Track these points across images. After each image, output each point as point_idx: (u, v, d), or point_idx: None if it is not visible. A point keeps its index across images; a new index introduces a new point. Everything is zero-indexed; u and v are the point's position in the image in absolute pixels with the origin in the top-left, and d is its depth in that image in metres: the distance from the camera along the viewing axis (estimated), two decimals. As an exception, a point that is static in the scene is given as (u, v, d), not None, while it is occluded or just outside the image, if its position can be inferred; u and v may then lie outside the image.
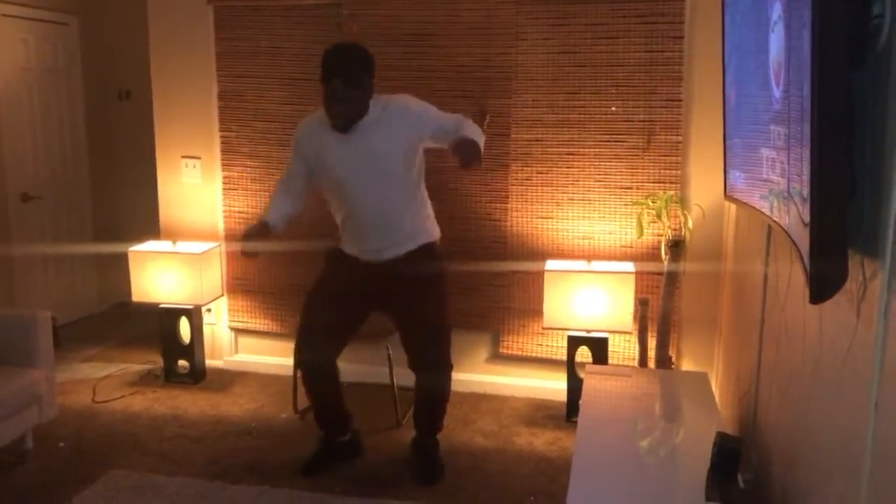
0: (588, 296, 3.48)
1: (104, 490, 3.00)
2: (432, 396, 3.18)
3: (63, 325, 4.69)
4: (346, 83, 2.83)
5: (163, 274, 3.98)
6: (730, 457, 2.02)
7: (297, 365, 3.24)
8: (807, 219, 1.39)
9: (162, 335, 4.12)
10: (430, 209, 3.15)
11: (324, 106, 2.91)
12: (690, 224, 3.44)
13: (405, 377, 3.56)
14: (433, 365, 3.12)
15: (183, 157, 4.22)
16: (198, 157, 4.20)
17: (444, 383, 3.18)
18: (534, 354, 3.89)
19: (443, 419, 3.27)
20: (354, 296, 3.06)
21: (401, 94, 3.04)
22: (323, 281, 3.18)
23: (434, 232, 3.15)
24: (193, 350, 4.08)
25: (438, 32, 3.77)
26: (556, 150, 3.72)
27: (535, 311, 3.73)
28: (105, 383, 4.10)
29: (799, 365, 1.93)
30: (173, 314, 4.06)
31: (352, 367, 4.05)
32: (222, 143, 4.15)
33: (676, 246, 3.44)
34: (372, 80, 2.93)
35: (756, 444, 2.39)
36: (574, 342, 3.60)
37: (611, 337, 3.59)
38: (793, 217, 1.57)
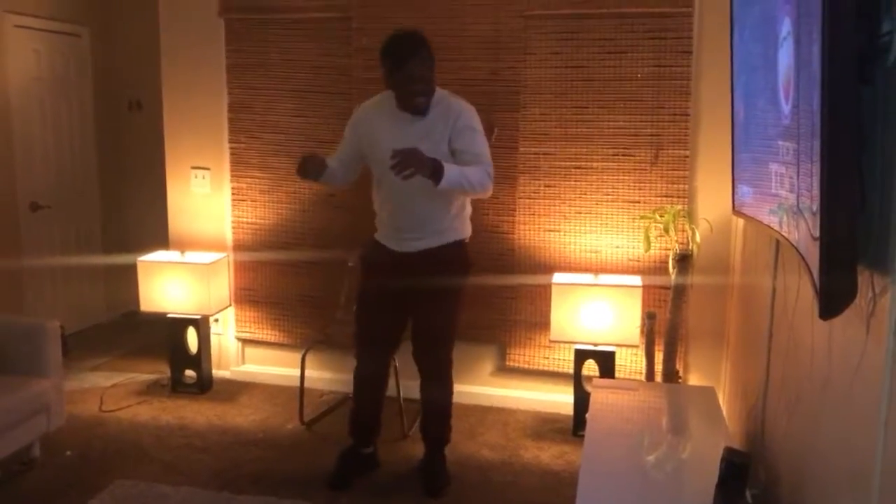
0: (595, 309, 3.48)
1: (110, 499, 3.00)
2: (434, 399, 3.19)
3: (71, 333, 4.70)
4: (422, 63, 2.90)
5: (171, 284, 4.00)
6: (738, 472, 2.01)
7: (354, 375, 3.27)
8: (817, 233, 1.39)
9: (169, 345, 4.12)
10: (469, 208, 3.19)
11: (399, 90, 2.94)
12: (698, 238, 3.43)
13: (411, 390, 3.56)
14: (436, 366, 3.15)
15: (192, 167, 4.24)
16: (207, 168, 4.22)
17: (447, 387, 3.20)
18: (540, 367, 3.89)
19: (449, 429, 3.26)
20: (398, 297, 3.08)
21: (467, 103, 3.08)
22: (367, 286, 3.20)
23: (466, 230, 3.18)
24: (200, 360, 4.09)
25: (447, 46, 3.78)
26: (563, 163, 3.72)
27: (542, 323, 3.73)
28: (112, 392, 4.11)
29: (807, 380, 1.92)
30: (181, 324, 4.07)
31: (358, 378, 4.07)
32: (232, 154, 4.17)
33: (684, 260, 3.43)
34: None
35: (764, 459, 2.38)
36: (581, 355, 3.59)
37: (618, 350, 3.59)
38: (802, 232, 1.57)
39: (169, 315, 4.06)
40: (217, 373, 4.27)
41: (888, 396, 1.32)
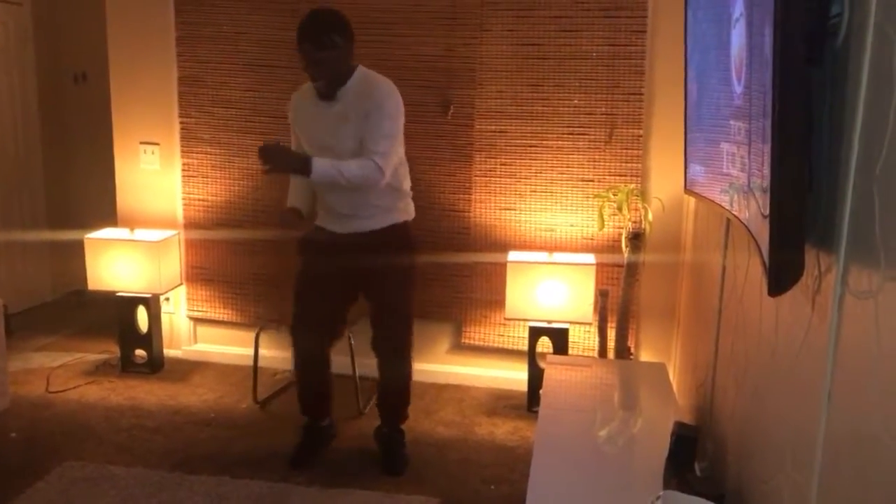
0: (549, 287, 3.51)
1: (58, 481, 2.94)
2: (393, 379, 3.18)
3: (15, 313, 4.57)
4: (316, 46, 2.83)
5: (120, 262, 3.91)
6: (687, 445, 2.06)
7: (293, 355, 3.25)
8: (766, 212, 1.42)
9: (119, 324, 4.04)
10: (406, 189, 3.13)
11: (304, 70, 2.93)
12: (650, 217, 3.48)
13: (367, 367, 3.56)
14: (394, 347, 3.13)
15: (141, 142, 4.13)
16: (156, 144, 4.12)
17: (406, 367, 3.19)
18: (495, 345, 3.92)
19: (407, 407, 3.27)
20: (339, 279, 3.05)
21: (388, 85, 2.98)
22: (308, 267, 3.15)
23: (408, 211, 3.14)
24: (151, 339, 4.02)
25: (402, 21, 3.75)
26: (519, 141, 3.73)
27: (497, 301, 3.75)
28: (59, 373, 4.01)
29: (755, 356, 1.97)
30: (130, 303, 3.99)
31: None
32: (182, 129, 4.08)
33: (636, 238, 3.48)
34: (348, 43, 2.91)
35: (712, 433, 2.44)
36: (535, 333, 3.63)
37: (571, 328, 3.63)
38: (752, 211, 1.60)
39: (118, 294, 3.98)
40: (168, 352, 4.20)
41: (831, 370, 1.36)
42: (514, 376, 3.85)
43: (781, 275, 1.40)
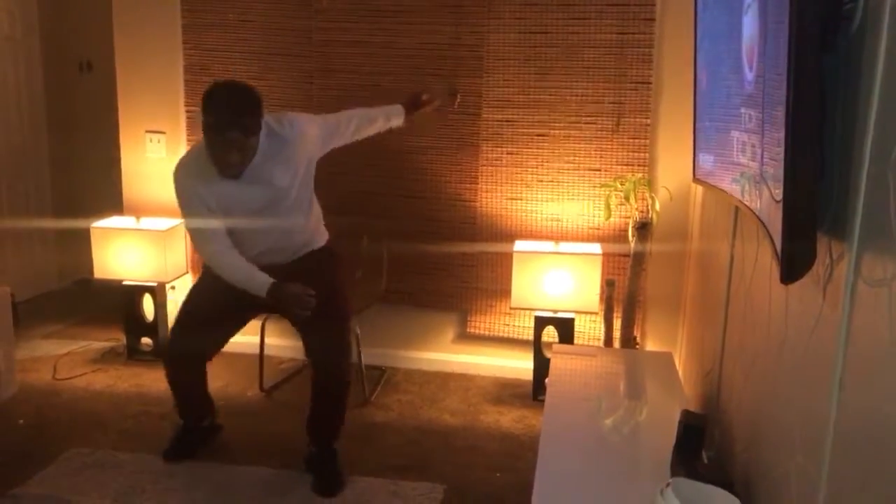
0: (555, 276, 3.51)
1: (66, 468, 2.96)
2: (328, 388, 2.90)
3: (22, 301, 4.56)
4: (245, 133, 2.64)
5: (126, 250, 3.91)
6: (695, 434, 2.06)
7: (166, 357, 3.08)
8: (779, 197, 1.41)
9: (125, 312, 4.05)
10: (320, 214, 3.07)
11: (213, 154, 2.70)
12: (658, 206, 3.47)
13: (374, 357, 3.58)
14: (330, 353, 2.86)
15: (147, 131, 4.13)
16: (162, 132, 4.12)
17: (344, 380, 2.92)
18: (501, 334, 3.92)
19: (341, 425, 2.95)
20: (239, 299, 2.85)
21: (288, 116, 2.88)
22: (207, 277, 3.01)
23: (325, 235, 3.12)
24: (157, 327, 4.03)
25: (409, 8, 3.73)
26: (526, 130, 3.72)
27: (503, 291, 3.75)
28: (66, 360, 4.02)
29: (763, 345, 1.97)
30: (137, 291, 3.99)
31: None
32: (188, 117, 4.07)
33: (643, 228, 3.47)
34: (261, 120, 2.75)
35: (719, 421, 2.44)
36: (541, 322, 3.62)
37: (577, 317, 3.63)
38: (764, 199, 1.59)
39: (124, 282, 3.98)
40: (174, 340, 4.21)
41: (842, 359, 1.36)
42: (520, 365, 3.85)
43: (795, 262, 1.40)
